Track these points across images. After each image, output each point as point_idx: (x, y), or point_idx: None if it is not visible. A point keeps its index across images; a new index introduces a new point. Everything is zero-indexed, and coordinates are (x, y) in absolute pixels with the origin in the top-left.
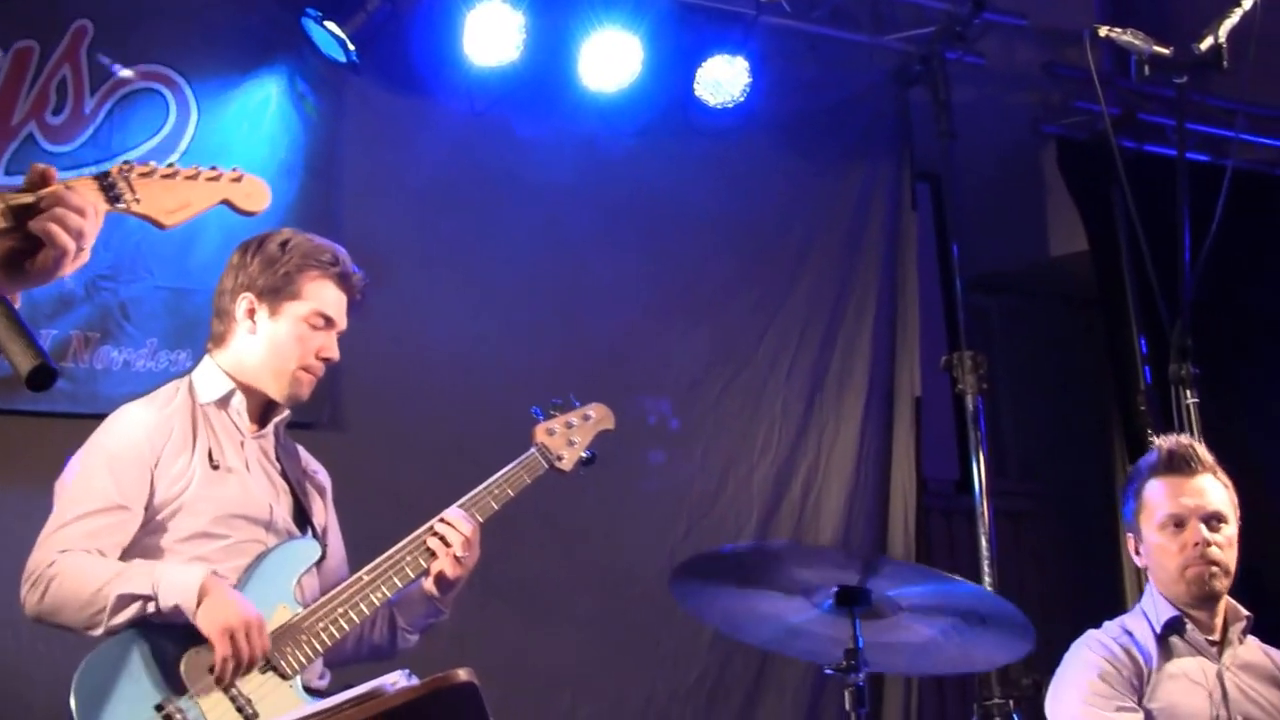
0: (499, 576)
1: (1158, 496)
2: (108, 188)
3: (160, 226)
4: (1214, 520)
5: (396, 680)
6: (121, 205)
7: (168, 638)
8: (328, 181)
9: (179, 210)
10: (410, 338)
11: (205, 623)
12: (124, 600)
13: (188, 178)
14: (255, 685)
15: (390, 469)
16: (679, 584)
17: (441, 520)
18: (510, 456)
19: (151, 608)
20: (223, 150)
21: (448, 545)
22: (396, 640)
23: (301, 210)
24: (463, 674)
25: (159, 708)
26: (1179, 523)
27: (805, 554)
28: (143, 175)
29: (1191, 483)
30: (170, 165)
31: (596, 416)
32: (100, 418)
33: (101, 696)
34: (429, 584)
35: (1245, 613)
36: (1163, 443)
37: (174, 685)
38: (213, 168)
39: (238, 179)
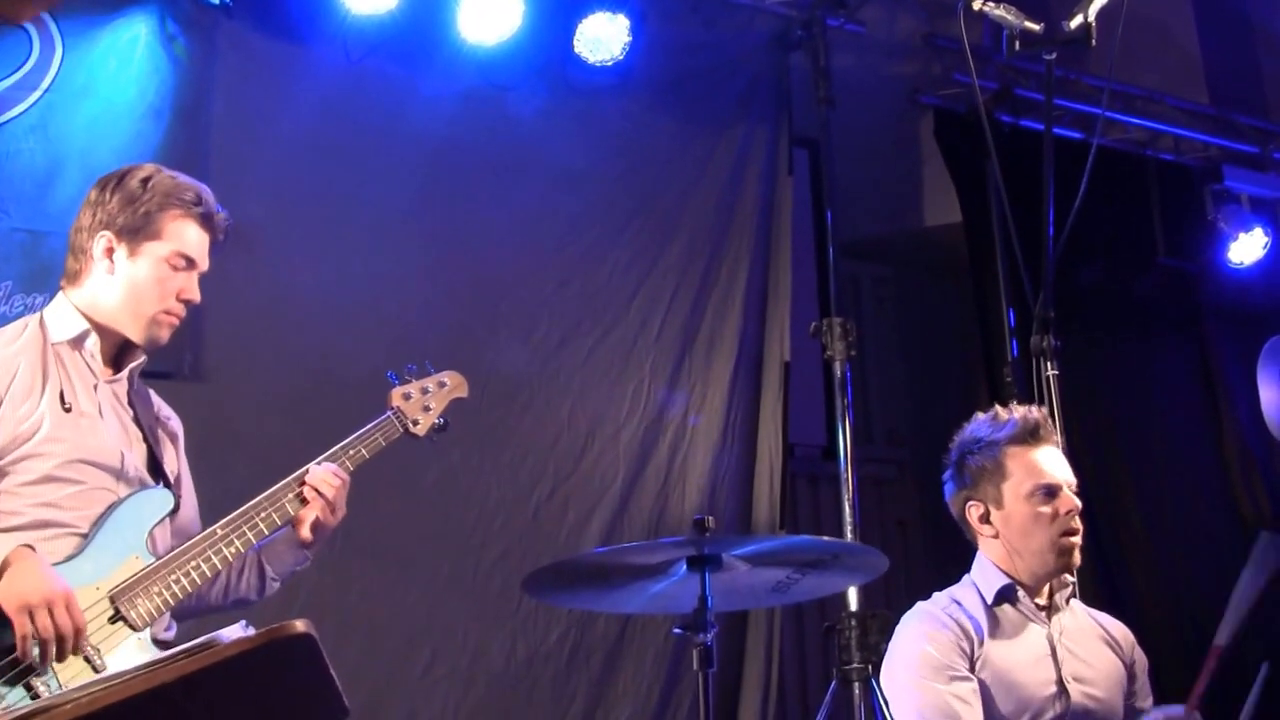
0: (358, 534)
1: (1026, 465)
2: None
3: (13, 20)
4: (1074, 491)
5: (233, 632)
6: None
7: None
8: (196, 125)
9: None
10: (276, 288)
11: (3, 602)
12: None
13: None
14: (104, 636)
15: (253, 421)
16: (531, 589)
17: (311, 474)
18: (371, 408)
19: None
20: (88, 89)
21: (320, 495)
22: (265, 589)
23: (168, 154)
24: (299, 625)
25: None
26: (1051, 492)
27: (650, 548)
28: None
29: (1056, 452)
30: None
31: (451, 384)
32: None
33: None
34: (304, 531)
35: (1070, 578)
36: (1016, 412)
37: None
38: None
39: None
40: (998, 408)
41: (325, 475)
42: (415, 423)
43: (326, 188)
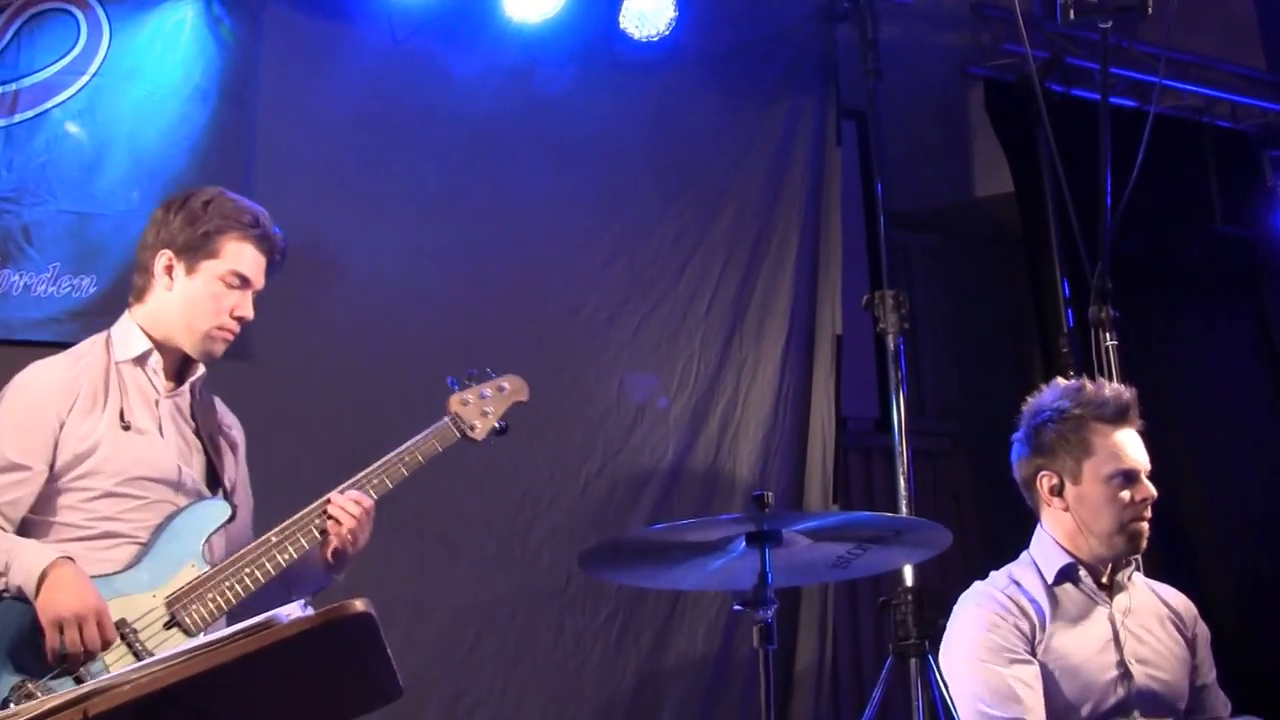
0: (403, 513)
1: (1112, 446)
2: None
3: None
4: (1149, 478)
5: (292, 611)
6: None
7: None
8: (242, 107)
9: None
10: (322, 267)
11: (40, 611)
12: None
13: None
14: (159, 641)
15: (299, 399)
16: (587, 566)
17: (333, 502)
18: (419, 387)
19: (2, 584)
20: (135, 72)
21: (340, 525)
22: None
23: (214, 135)
24: (359, 604)
25: (64, 658)
26: (1131, 477)
27: (709, 524)
28: None
29: (1137, 436)
30: None
31: (511, 388)
32: None
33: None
34: (323, 554)
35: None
36: (1108, 389)
37: None
38: None
39: None
40: (1085, 380)
41: (347, 504)
42: (472, 427)
43: (372, 167)
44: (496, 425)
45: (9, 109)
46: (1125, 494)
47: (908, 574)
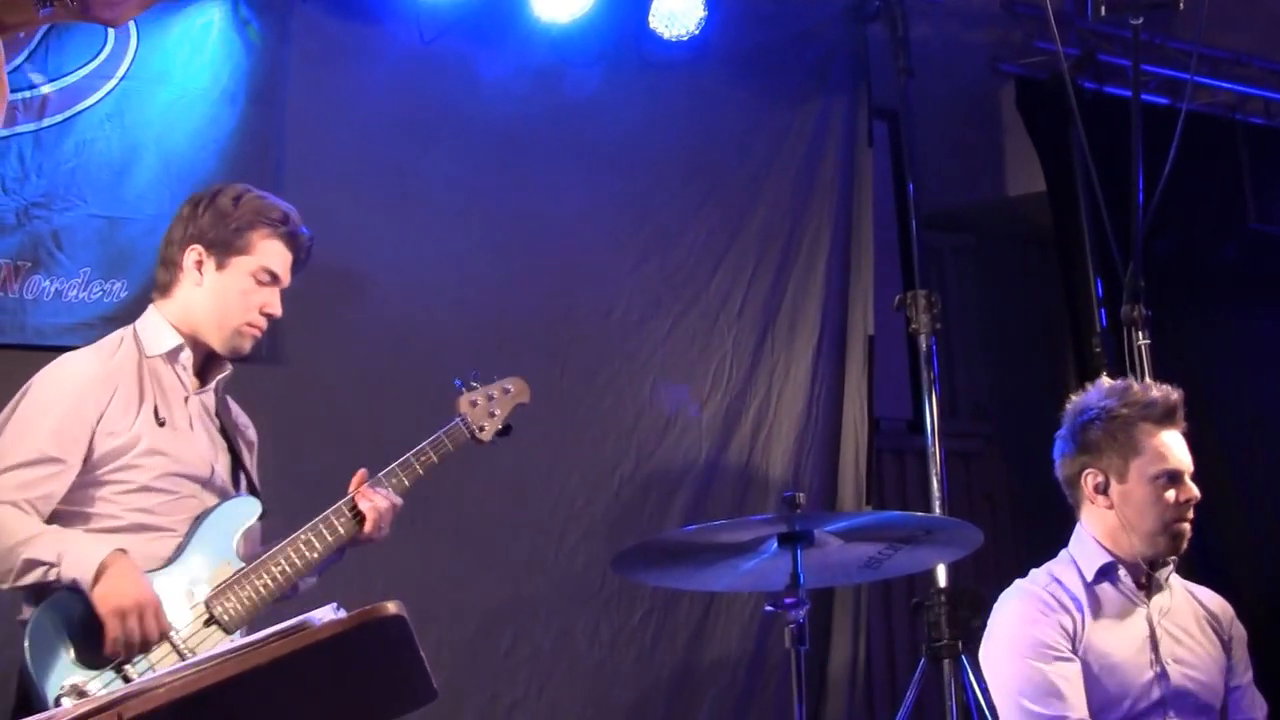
0: (438, 516)
1: (1159, 447)
2: None
3: (108, 24)
4: (1193, 479)
5: (325, 614)
6: (49, 11)
7: None
8: (269, 109)
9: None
10: (351, 270)
11: (99, 602)
12: (30, 564)
13: None
14: (201, 639)
15: (329, 403)
16: (620, 568)
17: (366, 496)
18: (449, 389)
19: (53, 575)
20: (163, 76)
21: (376, 513)
22: (298, 586)
23: (243, 137)
24: (391, 607)
25: (125, 645)
26: (1175, 478)
27: (741, 525)
28: None
29: (1181, 438)
30: None
31: (515, 390)
32: (29, 349)
33: (54, 642)
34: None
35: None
36: (1155, 390)
37: None
38: None
39: None
40: (1131, 381)
41: (375, 497)
42: (481, 428)
43: (400, 169)
44: (501, 427)
45: (38, 113)
46: (1170, 494)
47: (941, 575)
